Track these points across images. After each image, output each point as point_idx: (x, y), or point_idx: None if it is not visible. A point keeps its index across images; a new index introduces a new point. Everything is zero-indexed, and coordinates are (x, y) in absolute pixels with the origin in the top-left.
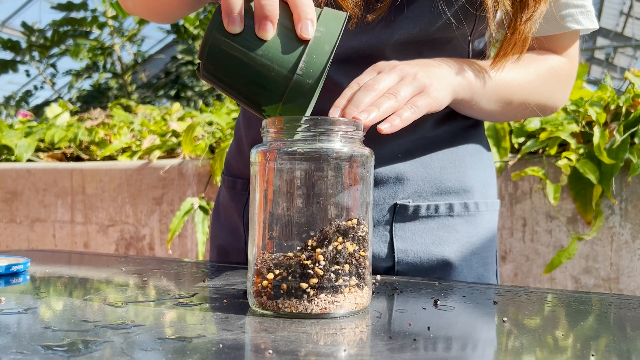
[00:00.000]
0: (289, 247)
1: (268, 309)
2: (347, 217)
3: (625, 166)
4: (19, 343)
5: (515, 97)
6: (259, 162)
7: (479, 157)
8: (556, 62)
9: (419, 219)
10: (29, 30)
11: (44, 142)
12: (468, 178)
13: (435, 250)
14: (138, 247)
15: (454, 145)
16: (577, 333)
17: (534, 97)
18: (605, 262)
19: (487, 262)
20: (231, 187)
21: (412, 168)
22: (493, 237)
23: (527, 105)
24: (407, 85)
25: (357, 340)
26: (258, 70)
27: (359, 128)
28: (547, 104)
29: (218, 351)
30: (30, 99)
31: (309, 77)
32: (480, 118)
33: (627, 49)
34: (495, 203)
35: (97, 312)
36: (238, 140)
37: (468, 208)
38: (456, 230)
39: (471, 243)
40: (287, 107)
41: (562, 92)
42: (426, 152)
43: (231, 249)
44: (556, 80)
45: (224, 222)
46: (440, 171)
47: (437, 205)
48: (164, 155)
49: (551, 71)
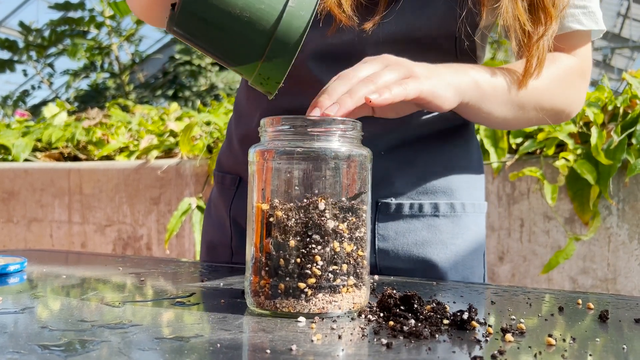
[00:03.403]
0: (287, 247)
1: (266, 308)
2: (345, 217)
3: (622, 167)
4: (16, 343)
5: (528, 100)
6: (256, 162)
7: (467, 157)
8: (568, 62)
9: (403, 218)
10: (27, 29)
11: (41, 142)
12: (455, 178)
13: (417, 251)
14: (135, 247)
15: (442, 144)
16: (574, 333)
17: (549, 100)
18: (602, 263)
19: (472, 266)
20: (220, 182)
21: (396, 165)
22: (480, 240)
23: (541, 109)
24: (391, 71)
25: (354, 340)
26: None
27: (357, 128)
28: (562, 108)
29: (215, 351)
30: (27, 99)
31: (298, 19)
32: (492, 126)
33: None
34: (483, 205)
35: (94, 311)
36: (229, 137)
37: (454, 208)
38: (440, 231)
39: (456, 245)
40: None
41: (577, 94)
42: (411, 150)
43: (218, 244)
44: (570, 82)
45: (214, 218)
46: (425, 169)
47: (421, 204)
48: (161, 155)
49: (565, 73)
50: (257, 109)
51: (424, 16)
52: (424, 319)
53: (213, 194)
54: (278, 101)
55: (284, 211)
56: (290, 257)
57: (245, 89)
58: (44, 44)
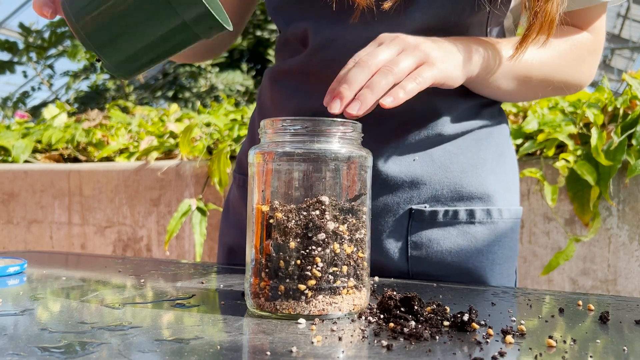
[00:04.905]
0: (287, 249)
1: (266, 310)
2: (345, 219)
3: (622, 168)
4: (16, 345)
5: (534, 74)
6: (256, 163)
7: (501, 160)
8: (579, 38)
9: (437, 226)
10: (27, 31)
11: (41, 143)
12: (490, 182)
13: (451, 259)
14: (135, 248)
15: (476, 146)
16: (575, 335)
17: (556, 74)
18: (602, 264)
19: (509, 274)
20: (242, 185)
21: (430, 171)
22: (516, 246)
23: (548, 83)
24: (408, 57)
25: (355, 341)
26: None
27: (357, 129)
28: (571, 81)
29: (216, 353)
30: (27, 100)
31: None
32: (498, 98)
33: (624, 51)
34: (518, 210)
35: (94, 313)
36: (252, 136)
37: (491, 215)
38: (476, 238)
39: (492, 252)
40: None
41: (587, 68)
42: (445, 154)
43: (237, 248)
44: (579, 56)
45: (233, 221)
46: (460, 175)
47: (456, 211)
48: (161, 156)
49: (573, 47)
50: (283, 110)
51: (458, 5)
52: (424, 320)
53: (232, 196)
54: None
55: (284, 213)
56: (291, 259)
57: (270, 90)
58: (44, 45)
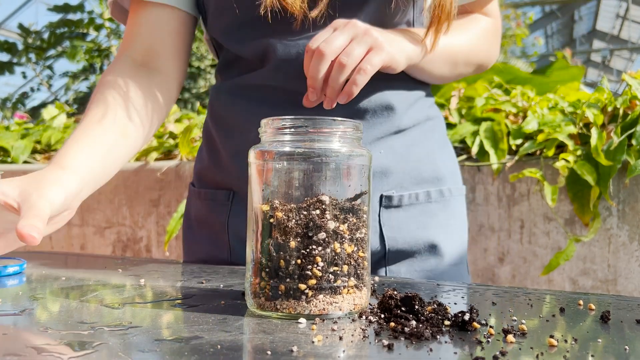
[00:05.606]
0: (288, 248)
1: (266, 310)
2: (346, 218)
3: (622, 168)
4: (16, 345)
5: (460, 58)
6: (257, 163)
7: (446, 149)
8: (484, 23)
9: (403, 208)
10: (26, 32)
11: (40, 144)
12: (439, 168)
13: (422, 234)
14: (135, 249)
15: (425, 138)
16: (576, 334)
17: (475, 56)
18: (602, 264)
19: (463, 241)
20: (210, 199)
21: (394, 161)
22: (465, 218)
23: (469, 64)
24: (359, 45)
25: (355, 341)
26: None
27: (358, 128)
28: (485, 62)
29: (216, 352)
30: (26, 101)
31: None
32: (432, 81)
33: (623, 51)
34: (462, 188)
35: (94, 313)
36: (213, 151)
37: (443, 194)
38: (435, 214)
39: (450, 224)
40: None
41: (494, 49)
42: (403, 146)
43: (215, 261)
44: (488, 39)
45: (203, 235)
46: (417, 163)
47: (417, 194)
48: (161, 157)
49: (483, 32)
50: (249, 120)
51: (387, 10)
52: (425, 320)
53: (197, 212)
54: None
55: (284, 212)
56: (291, 258)
57: (232, 104)
58: (43, 46)
